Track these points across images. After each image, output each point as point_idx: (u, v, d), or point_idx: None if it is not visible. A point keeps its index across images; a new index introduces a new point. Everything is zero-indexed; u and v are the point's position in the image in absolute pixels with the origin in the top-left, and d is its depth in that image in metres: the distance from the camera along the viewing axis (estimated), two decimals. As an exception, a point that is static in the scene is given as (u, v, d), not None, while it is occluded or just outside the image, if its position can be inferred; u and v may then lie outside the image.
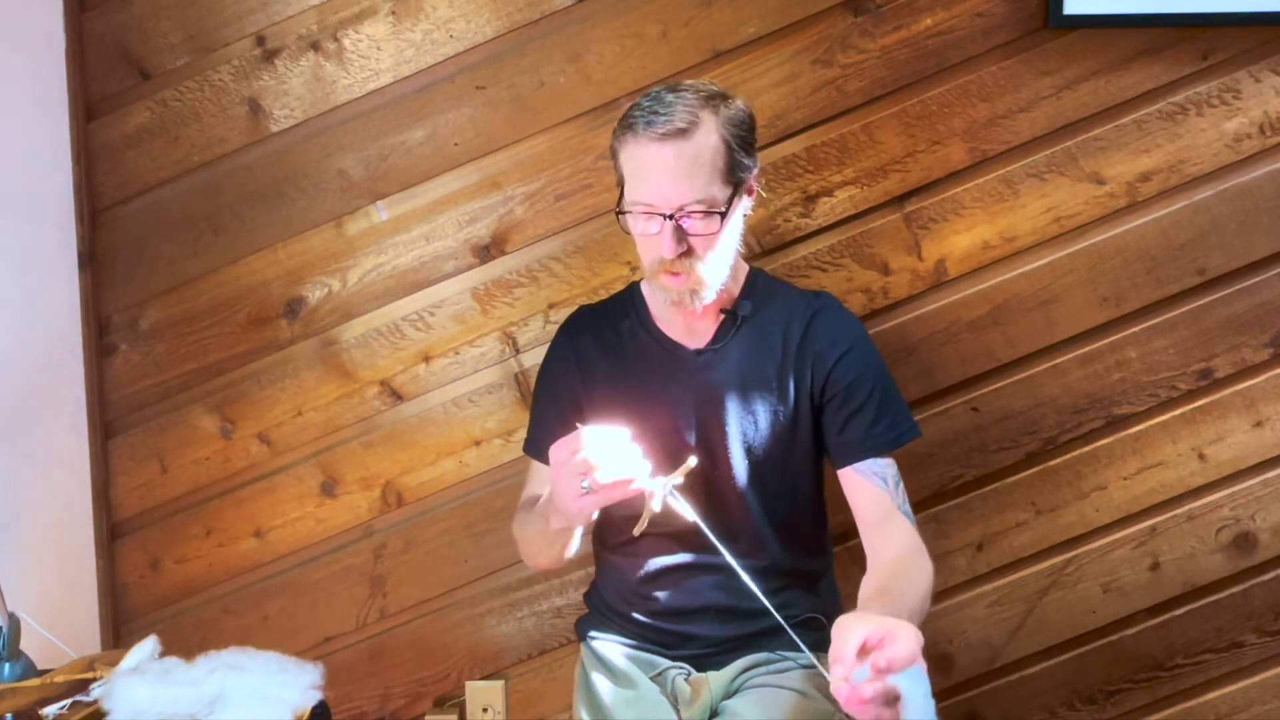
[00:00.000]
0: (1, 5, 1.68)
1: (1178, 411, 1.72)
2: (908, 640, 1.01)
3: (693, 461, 1.21)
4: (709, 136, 1.29)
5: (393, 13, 1.71)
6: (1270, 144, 1.67)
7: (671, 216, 1.29)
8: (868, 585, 1.27)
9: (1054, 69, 1.66)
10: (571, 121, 1.71)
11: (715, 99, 1.32)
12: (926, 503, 1.75)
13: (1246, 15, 1.61)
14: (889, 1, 1.67)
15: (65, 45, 1.71)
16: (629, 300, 1.51)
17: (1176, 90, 1.67)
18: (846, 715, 1.02)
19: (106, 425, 1.81)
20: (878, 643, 1.01)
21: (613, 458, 1.17)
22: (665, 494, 1.18)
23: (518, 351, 1.76)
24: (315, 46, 1.73)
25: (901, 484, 1.39)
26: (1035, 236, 1.70)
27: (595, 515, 1.28)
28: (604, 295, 1.66)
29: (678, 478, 1.19)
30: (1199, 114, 1.67)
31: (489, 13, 1.70)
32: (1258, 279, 1.69)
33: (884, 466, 1.38)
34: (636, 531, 1.24)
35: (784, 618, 1.44)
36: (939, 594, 1.76)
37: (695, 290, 1.34)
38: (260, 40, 1.73)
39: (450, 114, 1.73)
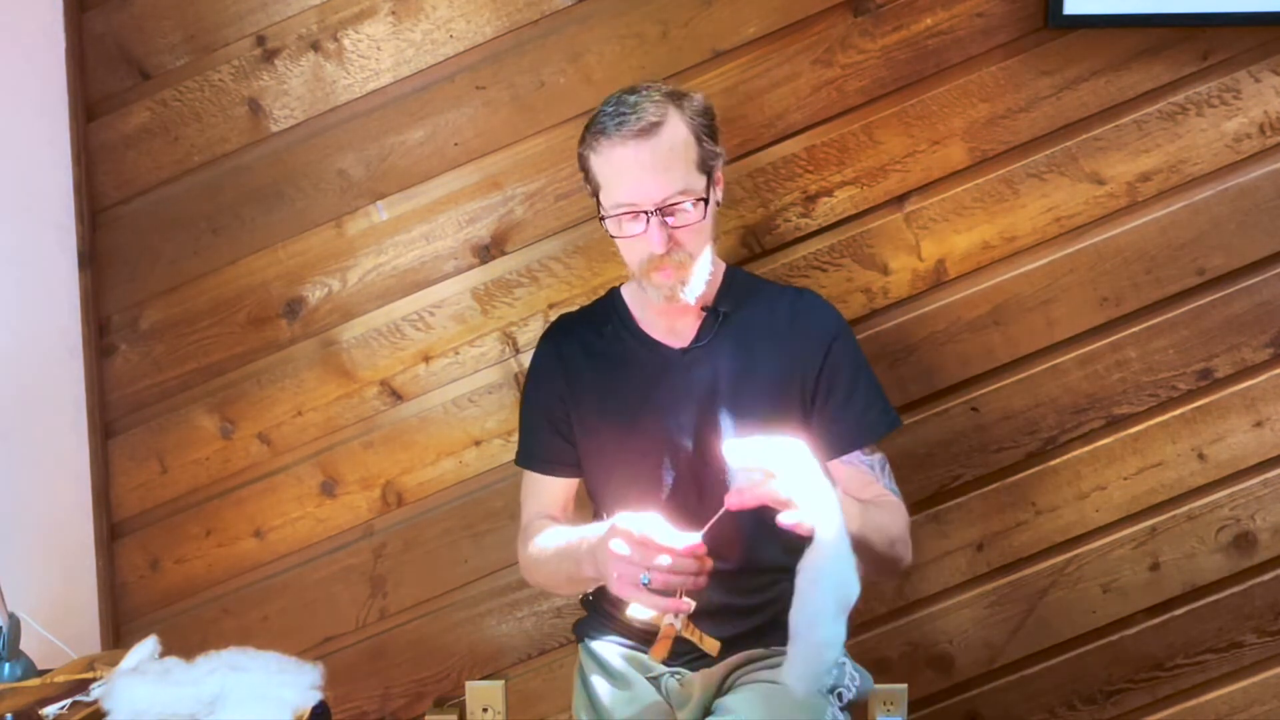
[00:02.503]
0: (1, 5, 1.68)
1: (1178, 411, 1.72)
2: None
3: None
4: (678, 129, 1.32)
5: (393, 13, 1.71)
6: (1270, 144, 1.67)
7: (655, 212, 1.31)
8: None
9: (1054, 69, 1.66)
10: (571, 121, 1.71)
11: (676, 95, 1.35)
12: (926, 503, 1.75)
13: (1246, 15, 1.61)
14: (889, 1, 1.67)
15: (65, 45, 1.71)
16: (611, 306, 1.52)
17: (1176, 90, 1.67)
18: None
19: (106, 425, 1.81)
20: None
21: (676, 566, 1.15)
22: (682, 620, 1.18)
23: (518, 351, 1.76)
24: (315, 46, 1.73)
25: (889, 468, 1.42)
26: (1035, 236, 1.70)
27: None
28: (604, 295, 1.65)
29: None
30: (1199, 114, 1.67)
31: (489, 13, 1.70)
32: (1258, 279, 1.69)
33: (871, 456, 1.40)
34: (659, 658, 1.21)
35: (778, 610, 1.44)
36: (939, 593, 1.77)
37: (685, 281, 1.35)
38: (260, 40, 1.73)
39: (450, 114, 1.73)
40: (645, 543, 1.16)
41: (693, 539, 1.16)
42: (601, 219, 1.37)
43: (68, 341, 1.75)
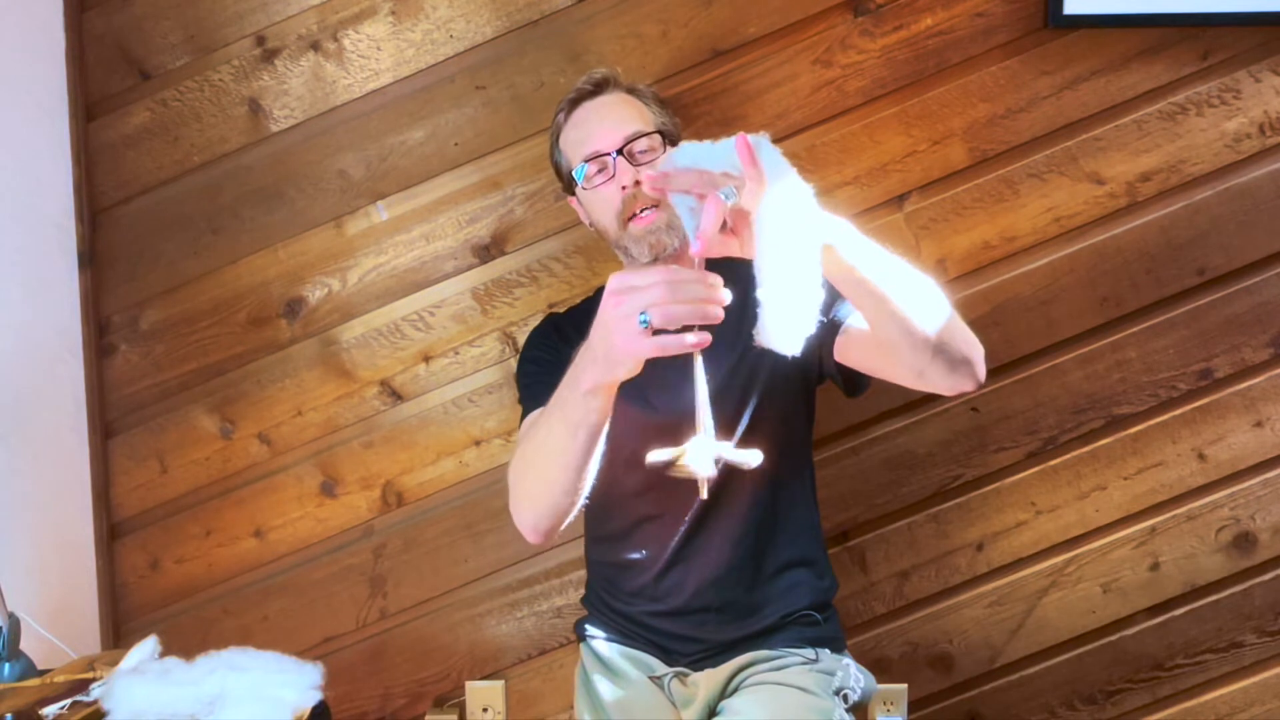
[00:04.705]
0: (1, 5, 1.68)
1: (1178, 411, 1.72)
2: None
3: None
4: (626, 94, 1.47)
5: (393, 13, 1.71)
6: (1270, 144, 1.67)
7: (620, 152, 1.38)
8: None
9: (1054, 69, 1.66)
10: (571, 121, 1.71)
11: (620, 81, 1.49)
12: (926, 503, 1.75)
13: (1246, 15, 1.61)
14: (889, 1, 1.67)
15: (65, 45, 1.71)
16: (601, 298, 1.50)
17: (1176, 90, 1.67)
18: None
19: (106, 425, 1.81)
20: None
21: (680, 289, 0.97)
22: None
23: (518, 351, 1.76)
24: (315, 46, 1.73)
25: None
26: (1035, 236, 1.70)
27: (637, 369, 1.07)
28: (593, 294, 1.65)
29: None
30: (1199, 114, 1.67)
31: (489, 13, 1.70)
32: (1258, 279, 1.69)
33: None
34: (704, 493, 1.06)
35: (783, 608, 1.43)
36: (939, 593, 1.76)
37: (670, 223, 1.37)
38: (260, 40, 1.73)
39: (450, 114, 1.73)
40: (638, 276, 1.01)
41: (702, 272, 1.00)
42: (576, 187, 1.43)
43: (68, 341, 1.75)
